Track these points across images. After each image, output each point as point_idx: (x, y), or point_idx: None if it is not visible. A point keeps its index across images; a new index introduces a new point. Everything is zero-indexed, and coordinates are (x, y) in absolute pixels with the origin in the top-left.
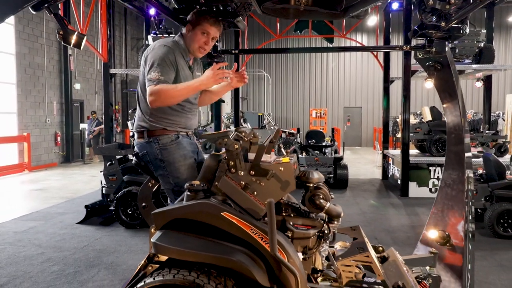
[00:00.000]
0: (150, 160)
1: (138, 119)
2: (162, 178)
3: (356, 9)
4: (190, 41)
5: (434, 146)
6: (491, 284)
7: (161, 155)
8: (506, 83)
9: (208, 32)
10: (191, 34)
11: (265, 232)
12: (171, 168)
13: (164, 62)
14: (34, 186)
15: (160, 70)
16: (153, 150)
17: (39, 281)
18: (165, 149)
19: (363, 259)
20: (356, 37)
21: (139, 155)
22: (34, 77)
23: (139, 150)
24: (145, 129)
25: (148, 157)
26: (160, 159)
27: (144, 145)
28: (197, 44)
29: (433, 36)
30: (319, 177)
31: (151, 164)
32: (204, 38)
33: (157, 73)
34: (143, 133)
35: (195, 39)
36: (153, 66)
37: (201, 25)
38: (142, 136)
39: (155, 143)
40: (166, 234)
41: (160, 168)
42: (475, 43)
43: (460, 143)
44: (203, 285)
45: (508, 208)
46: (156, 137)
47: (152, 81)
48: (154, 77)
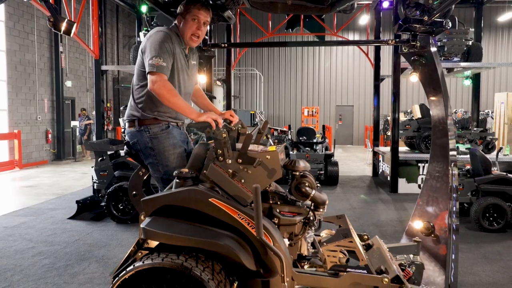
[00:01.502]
0: (140, 148)
1: (130, 108)
2: (152, 167)
3: (342, 3)
4: (183, 30)
5: (423, 143)
6: (475, 275)
7: (151, 143)
8: (495, 81)
9: (198, 17)
10: (183, 24)
11: (251, 217)
12: (161, 157)
13: (164, 47)
14: (25, 183)
15: (161, 56)
16: (143, 139)
17: (30, 274)
18: (156, 138)
19: (347, 244)
20: (348, 35)
21: (130, 144)
22: (25, 74)
23: (129, 139)
24: (136, 118)
25: (139, 145)
26: (150, 147)
27: (134, 133)
28: (190, 31)
29: (417, 30)
30: (305, 165)
31: (141, 152)
32: (196, 24)
33: (159, 58)
34: (134, 122)
35: (187, 26)
36: (153, 51)
37: (190, 12)
38: (133, 125)
39: (146, 131)
40: (155, 220)
41: (150, 156)
42: (463, 42)
43: (444, 136)
44: (191, 268)
45: (494, 202)
46: (146, 126)
47: (154, 66)
48: (156, 62)
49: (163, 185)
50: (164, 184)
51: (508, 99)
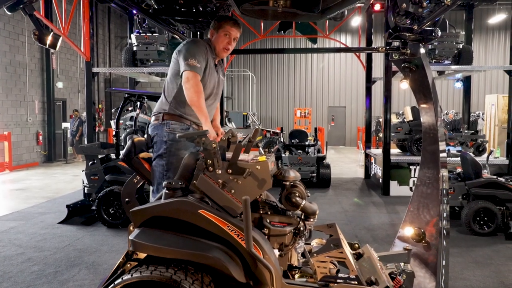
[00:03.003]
0: (157, 141)
1: (160, 103)
2: (159, 158)
3: (333, 11)
4: (215, 43)
5: (415, 146)
6: (465, 279)
7: (167, 137)
8: (485, 84)
9: (229, 33)
10: (215, 37)
11: (241, 229)
12: (171, 153)
13: (199, 52)
14: (15, 185)
15: (197, 58)
16: (162, 132)
17: (18, 281)
18: (173, 133)
19: (337, 255)
20: (340, 38)
21: (151, 137)
22: (15, 75)
23: (151, 132)
24: (163, 112)
25: (157, 137)
26: (165, 141)
27: (157, 126)
28: (221, 45)
29: (407, 38)
30: (295, 175)
31: (156, 144)
32: (227, 39)
33: (194, 60)
34: (160, 115)
35: (219, 41)
36: (189, 54)
37: (223, 27)
38: (157, 119)
39: (167, 126)
40: (144, 232)
41: (162, 149)
42: (454, 45)
43: (435, 143)
44: (180, 281)
45: (484, 206)
46: (169, 121)
47: (189, 66)
48: (191, 63)
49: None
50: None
51: (498, 101)
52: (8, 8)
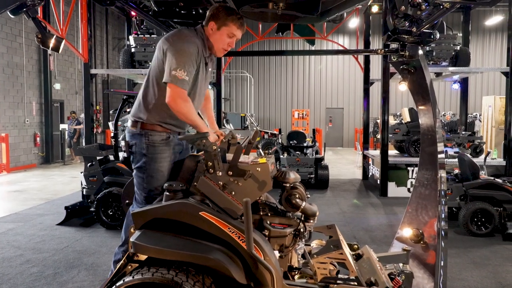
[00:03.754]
0: (135, 151)
1: (138, 107)
2: (139, 171)
3: (332, 13)
4: (214, 40)
5: (413, 147)
6: (463, 280)
7: (146, 150)
8: (482, 85)
9: (234, 35)
10: (216, 34)
11: (242, 231)
12: (151, 166)
13: (191, 60)
14: (12, 187)
15: (186, 70)
16: (141, 144)
17: (18, 283)
18: (152, 146)
19: (337, 256)
20: (338, 39)
21: (129, 144)
22: (13, 76)
23: (129, 139)
24: (141, 121)
25: (135, 147)
26: (144, 154)
27: (135, 135)
28: (221, 45)
29: (405, 40)
30: (295, 177)
31: (134, 155)
32: (230, 40)
33: (183, 71)
34: (137, 123)
35: (220, 40)
36: (178, 62)
37: (228, 26)
38: (135, 126)
39: (146, 137)
40: (145, 234)
41: (141, 161)
42: (451, 46)
43: (433, 144)
44: (182, 283)
45: (482, 207)
46: (148, 131)
47: (176, 79)
48: (179, 75)
49: (141, 192)
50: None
51: (495, 102)
52: (11, 11)
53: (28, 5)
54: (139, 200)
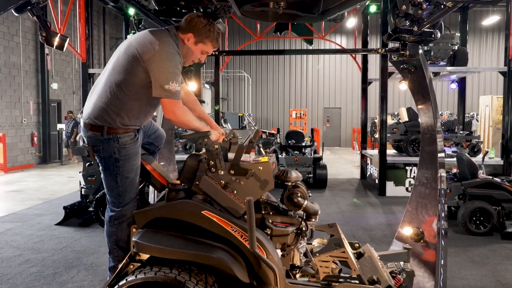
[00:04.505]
0: (104, 156)
1: (100, 110)
2: (110, 175)
3: (333, 12)
4: (187, 52)
5: (411, 146)
6: (463, 279)
7: (118, 154)
8: (479, 85)
9: (208, 53)
10: (192, 48)
11: (244, 229)
12: (124, 168)
13: (178, 69)
14: (10, 187)
15: (177, 80)
16: (110, 149)
17: (17, 283)
18: (124, 148)
19: (339, 254)
20: (335, 39)
21: (93, 149)
22: (10, 76)
23: (93, 143)
24: (108, 126)
25: (103, 153)
26: (115, 158)
27: (101, 140)
28: (192, 58)
29: (406, 40)
30: (297, 176)
31: (103, 160)
32: (202, 56)
33: (175, 83)
34: (102, 128)
35: (194, 53)
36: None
37: (206, 44)
38: (99, 131)
39: (115, 141)
40: (147, 233)
41: (113, 166)
42: (449, 46)
43: (433, 143)
44: (185, 282)
45: (480, 206)
46: (116, 134)
47: (172, 93)
48: (173, 88)
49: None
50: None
51: (492, 102)
52: (16, 9)
53: (32, 3)
54: (114, 203)
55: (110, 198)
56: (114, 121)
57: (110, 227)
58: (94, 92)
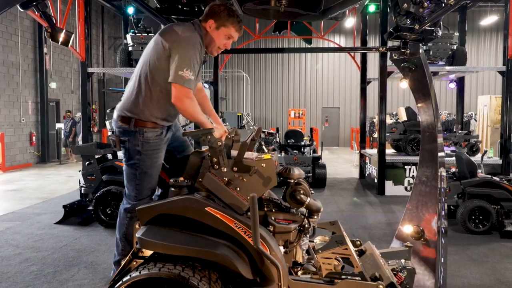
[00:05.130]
0: (128, 147)
1: (130, 103)
2: (131, 167)
3: (334, 11)
4: (211, 39)
5: (410, 146)
6: (463, 277)
7: (141, 147)
8: (478, 84)
9: (232, 37)
10: (214, 33)
11: (248, 226)
12: (146, 163)
13: (196, 59)
14: (9, 186)
15: (193, 69)
16: (135, 141)
17: (17, 281)
18: (148, 143)
19: (342, 252)
20: (334, 38)
21: (120, 139)
22: (8, 75)
23: (120, 135)
24: (134, 118)
25: (129, 144)
26: (138, 151)
27: (128, 132)
28: (218, 44)
29: (407, 38)
30: (299, 173)
31: (127, 151)
32: (227, 41)
33: (189, 71)
34: (130, 120)
35: (217, 39)
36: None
37: (228, 28)
38: (128, 123)
39: (140, 134)
40: (150, 229)
41: (134, 159)
42: (448, 46)
43: (433, 142)
44: (188, 278)
45: (479, 205)
46: (142, 128)
47: (183, 79)
48: (186, 75)
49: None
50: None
51: (491, 102)
52: (21, 5)
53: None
54: (130, 196)
55: (128, 190)
56: (143, 113)
57: (122, 219)
58: (127, 86)
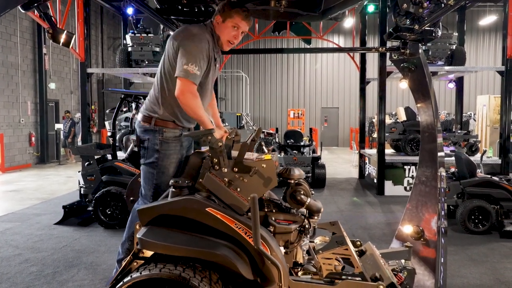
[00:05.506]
0: (147, 146)
1: (152, 102)
2: (149, 166)
3: (334, 11)
4: (220, 33)
5: (409, 146)
6: (462, 277)
7: (160, 146)
8: (477, 84)
9: (239, 26)
10: (221, 27)
11: (248, 226)
12: (163, 163)
13: (202, 54)
14: (8, 187)
15: (198, 64)
16: (154, 140)
17: (17, 282)
18: (166, 143)
19: (342, 252)
20: (333, 39)
21: (140, 139)
22: (8, 76)
23: (141, 134)
24: (155, 117)
25: (148, 143)
26: (157, 150)
27: (148, 131)
28: (227, 37)
29: (407, 38)
30: (299, 173)
31: (146, 150)
32: (235, 32)
33: (194, 65)
34: (151, 119)
35: (225, 32)
36: (191, 56)
37: (233, 18)
38: (149, 121)
39: (160, 133)
40: (151, 230)
41: (153, 157)
42: (447, 46)
43: (433, 141)
44: (189, 278)
45: (479, 204)
46: (162, 127)
47: (187, 73)
48: (191, 69)
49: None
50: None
51: (490, 102)
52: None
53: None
54: (146, 196)
55: (144, 190)
56: (163, 112)
57: (134, 218)
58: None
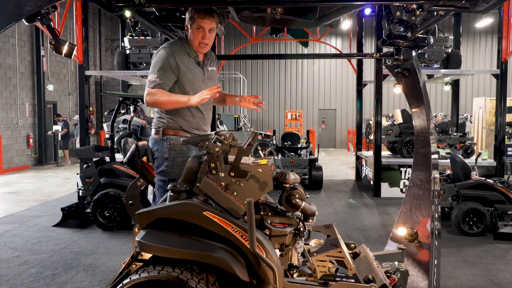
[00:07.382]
0: (157, 156)
1: (157, 113)
2: (161, 175)
3: (329, 18)
4: (191, 40)
5: (405, 148)
6: (456, 278)
7: (168, 154)
8: (473, 87)
9: (202, 26)
10: (190, 33)
11: (245, 230)
12: (173, 170)
13: (164, 65)
14: (6, 189)
15: (158, 73)
16: (163, 148)
17: (17, 284)
18: (174, 150)
19: (336, 254)
20: (330, 41)
21: (152, 151)
22: (6, 78)
23: (152, 146)
24: (162, 127)
25: (158, 153)
26: (166, 158)
27: (157, 141)
28: (196, 40)
29: (400, 45)
30: (295, 178)
31: (157, 159)
32: (201, 33)
33: (154, 75)
34: (159, 130)
35: (193, 35)
36: (153, 69)
37: (194, 21)
38: (157, 133)
39: (167, 142)
40: (150, 233)
41: (163, 165)
42: (443, 49)
43: (427, 145)
44: (187, 280)
45: (473, 207)
46: (169, 136)
47: (150, 82)
48: (151, 79)
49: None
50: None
51: (486, 104)
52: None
53: (42, 13)
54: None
55: (157, 198)
56: (166, 120)
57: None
58: None
